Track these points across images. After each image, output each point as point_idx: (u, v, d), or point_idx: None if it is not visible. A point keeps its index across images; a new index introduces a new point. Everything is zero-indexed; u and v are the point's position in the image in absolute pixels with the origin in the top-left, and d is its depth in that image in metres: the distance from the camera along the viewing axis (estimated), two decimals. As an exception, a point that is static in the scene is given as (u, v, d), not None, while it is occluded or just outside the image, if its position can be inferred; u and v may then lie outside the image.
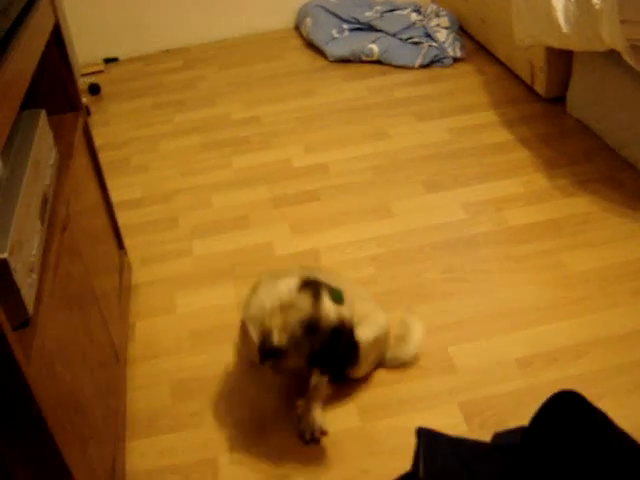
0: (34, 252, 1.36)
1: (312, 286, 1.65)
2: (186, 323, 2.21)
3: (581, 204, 2.52)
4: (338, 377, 1.89)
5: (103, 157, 2.98)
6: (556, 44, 2.69)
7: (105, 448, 1.62)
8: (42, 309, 1.32)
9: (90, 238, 1.89)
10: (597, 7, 2.28)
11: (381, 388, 1.91)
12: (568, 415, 1.46)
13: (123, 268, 2.29)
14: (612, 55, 2.58)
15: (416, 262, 2.33)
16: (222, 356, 2.07)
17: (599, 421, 1.37)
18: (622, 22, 2.22)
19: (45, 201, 1.54)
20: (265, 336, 1.62)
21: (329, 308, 1.63)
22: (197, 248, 2.52)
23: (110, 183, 2.36)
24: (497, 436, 1.54)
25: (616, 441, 1.38)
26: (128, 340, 2.15)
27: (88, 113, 3.52)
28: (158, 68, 4.01)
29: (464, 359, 1.97)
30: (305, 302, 1.62)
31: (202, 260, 2.46)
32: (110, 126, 3.41)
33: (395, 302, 2.16)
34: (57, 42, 1.96)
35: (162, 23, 4.20)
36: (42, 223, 1.48)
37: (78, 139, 1.94)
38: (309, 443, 1.79)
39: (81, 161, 1.97)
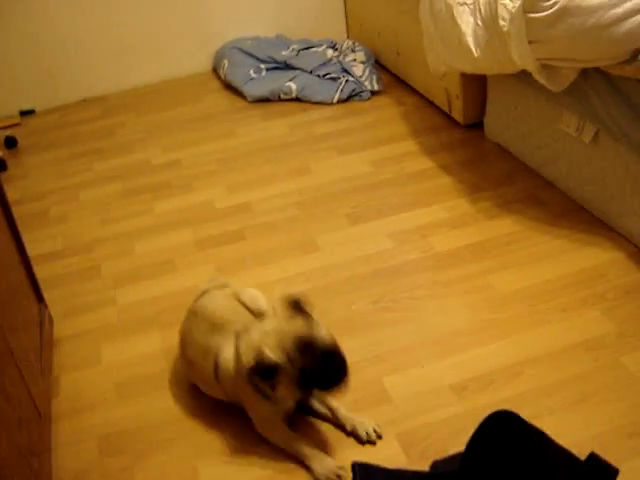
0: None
1: (299, 306, 1.72)
2: (112, 375, 2.13)
3: (505, 225, 2.53)
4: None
5: (22, 210, 2.92)
6: (469, 69, 2.72)
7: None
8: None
9: (3, 295, 1.81)
10: (505, 29, 2.31)
11: (315, 422, 1.86)
12: (505, 436, 1.44)
13: (44, 322, 2.20)
14: (524, 76, 2.61)
15: (345, 294, 2.30)
16: (151, 406, 2.00)
17: (537, 440, 1.35)
18: (530, 42, 2.25)
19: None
20: (259, 354, 1.63)
21: (321, 327, 1.67)
22: (121, 297, 2.45)
23: (29, 236, 2.29)
24: (435, 464, 1.51)
25: (555, 458, 1.36)
26: (52, 396, 2.06)
27: (5, 167, 3.43)
28: (76, 118, 3.94)
29: (399, 389, 1.93)
30: (297, 322, 1.67)
31: (127, 309, 2.39)
32: (28, 179, 3.33)
33: (326, 336, 2.12)
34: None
35: (78, 72, 4.13)
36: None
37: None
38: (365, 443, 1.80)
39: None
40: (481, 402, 1.86)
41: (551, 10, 2.12)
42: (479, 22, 2.49)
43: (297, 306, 1.73)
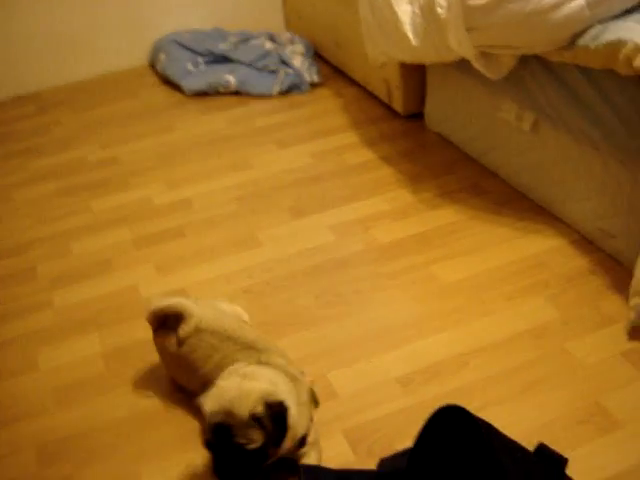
0: None
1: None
2: (50, 380, 2.06)
3: (447, 215, 2.52)
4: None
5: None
6: (408, 58, 2.69)
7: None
8: None
9: None
10: (443, 17, 2.29)
11: (261, 424, 1.81)
12: (452, 431, 1.42)
13: (-24, 328, 2.13)
14: (463, 65, 2.60)
15: (288, 290, 2.27)
16: (92, 411, 1.94)
17: (485, 433, 1.33)
18: (468, 30, 2.23)
19: None
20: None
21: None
22: (58, 299, 2.37)
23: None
24: (382, 463, 1.48)
25: (504, 451, 1.34)
26: (-14, 406, 1.99)
27: None
28: (8, 115, 3.82)
29: (345, 384, 1.91)
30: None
31: (64, 311, 2.32)
32: (-44, 181, 3.22)
33: (270, 333, 2.08)
34: None
35: (11, 68, 4.01)
36: None
37: None
38: None
39: None
40: (428, 395, 1.84)
41: (489, -3, 2.11)
42: (416, 10, 2.47)
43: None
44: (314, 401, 1.76)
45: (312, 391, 1.76)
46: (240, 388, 1.53)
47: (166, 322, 1.87)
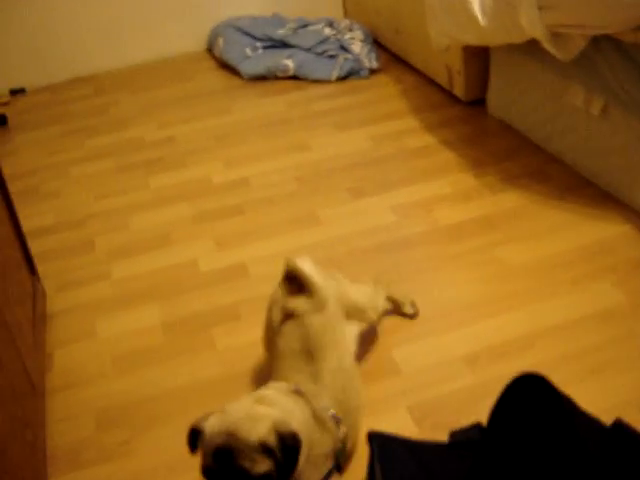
0: None
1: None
2: (108, 348, 2.05)
3: (511, 199, 2.47)
4: None
5: (11, 187, 2.81)
6: (474, 40, 2.65)
7: (23, 484, 1.45)
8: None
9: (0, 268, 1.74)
10: (514, -5, 2.24)
11: (323, 397, 1.78)
12: (532, 400, 1.37)
13: (36, 296, 2.12)
14: (529, 49, 2.55)
15: (349, 267, 2.23)
16: (150, 380, 1.93)
17: (566, 405, 1.27)
18: (540, 8, 2.18)
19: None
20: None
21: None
22: (116, 271, 2.37)
23: (20, 212, 2.20)
24: (454, 434, 1.44)
25: (583, 425, 1.29)
26: (46, 370, 1.98)
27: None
28: (67, 96, 3.84)
29: (409, 361, 1.87)
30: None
31: (122, 283, 2.31)
32: (18, 156, 3.23)
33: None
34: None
35: (69, 51, 4.04)
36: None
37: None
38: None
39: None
40: (494, 373, 1.80)
41: (564, -28, 2.06)
42: (486, -11, 2.42)
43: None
44: (338, 462, 1.50)
45: (341, 448, 1.52)
46: (250, 411, 1.34)
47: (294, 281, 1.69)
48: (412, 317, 2.02)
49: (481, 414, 1.46)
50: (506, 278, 2.12)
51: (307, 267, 1.69)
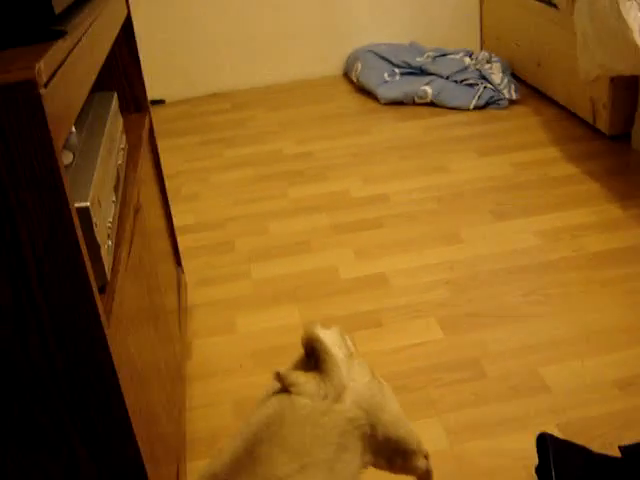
0: (110, 219, 1.23)
1: None
2: (247, 343, 2.06)
3: (662, 232, 2.38)
4: None
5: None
6: (630, 70, 2.58)
7: (168, 464, 1.45)
8: (118, 281, 1.18)
9: (158, 256, 1.77)
10: (684, 20, 2.18)
11: (468, 409, 1.74)
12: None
13: (181, 287, 2.15)
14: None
15: (493, 285, 2.18)
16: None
17: None
18: None
19: (118, 178, 1.42)
20: None
21: None
22: (255, 271, 2.38)
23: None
24: (624, 449, 1.37)
25: None
26: (185, 359, 2.00)
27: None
28: (205, 109, 3.94)
29: (557, 380, 1.80)
30: None
31: (261, 283, 2.32)
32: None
33: (476, 324, 2.01)
34: (127, 38, 1.87)
35: (209, 68, 4.15)
36: (116, 197, 1.36)
37: (145, 137, 1.84)
38: None
39: (146, 163, 1.86)
40: (649, 400, 1.71)
41: None
42: (650, 16, 2.37)
43: None
44: None
45: None
46: None
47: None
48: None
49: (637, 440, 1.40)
50: (658, 309, 2.04)
51: (330, 340, 1.23)
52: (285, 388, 1.18)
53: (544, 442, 1.29)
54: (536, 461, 1.49)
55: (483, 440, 1.64)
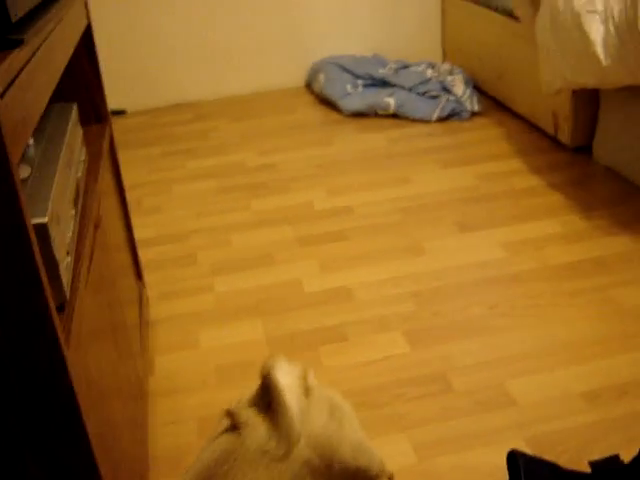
0: (69, 234, 1.20)
1: None
2: (211, 358, 2.02)
3: (624, 243, 2.39)
4: None
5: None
6: (592, 82, 2.59)
7: None
8: (78, 298, 1.14)
9: (117, 271, 1.72)
10: (645, 33, 2.19)
11: (436, 424, 1.72)
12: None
13: (142, 301, 2.11)
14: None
15: (458, 298, 2.17)
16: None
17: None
18: (673, 47, 2.13)
19: (78, 191, 1.39)
20: None
21: None
22: (219, 285, 2.35)
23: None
24: (595, 464, 1.36)
25: None
26: (147, 375, 1.96)
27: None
28: (167, 120, 3.90)
29: (524, 393, 1.79)
30: None
31: (225, 296, 2.29)
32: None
33: (442, 337, 1.99)
34: (87, 48, 1.83)
35: (171, 78, 4.11)
36: (76, 211, 1.32)
37: (105, 148, 1.80)
38: None
39: (107, 175, 1.82)
40: (616, 412, 1.71)
41: None
42: (611, 29, 2.38)
43: None
44: None
45: None
46: None
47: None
48: None
49: (605, 452, 1.39)
50: (622, 320, 2.03)
51: (286, 381, 1.16)
52: (235, 426, 1.13)
53: (514, 460, 1.28)
54: (506, 477, 1.48)
55: (451, 455, 1.63)
